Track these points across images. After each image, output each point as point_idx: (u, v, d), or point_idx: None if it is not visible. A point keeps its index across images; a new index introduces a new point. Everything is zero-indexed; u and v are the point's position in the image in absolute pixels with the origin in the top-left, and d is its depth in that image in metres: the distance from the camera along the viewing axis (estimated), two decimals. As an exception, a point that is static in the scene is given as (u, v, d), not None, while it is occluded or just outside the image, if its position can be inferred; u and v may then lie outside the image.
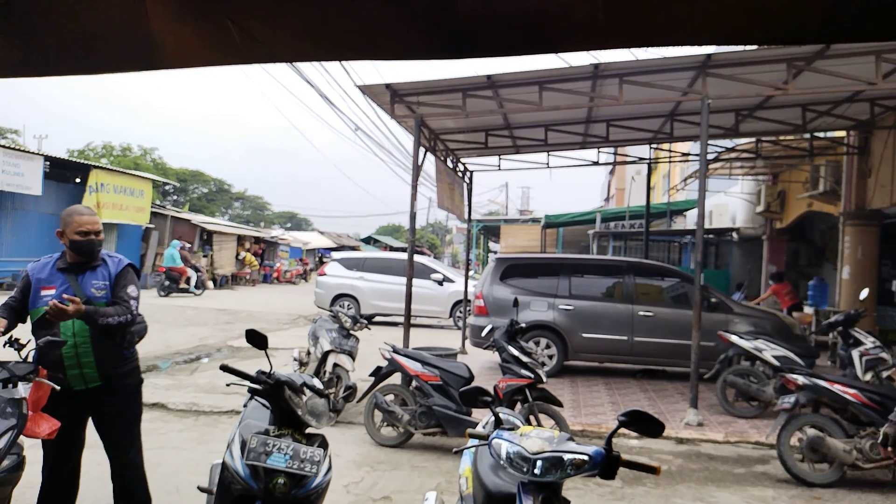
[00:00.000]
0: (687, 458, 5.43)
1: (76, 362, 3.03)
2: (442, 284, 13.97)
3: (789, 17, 1.17)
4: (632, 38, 1.40)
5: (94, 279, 3.10)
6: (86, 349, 3.04)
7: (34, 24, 1.46)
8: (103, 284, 3.12)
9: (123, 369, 3.20)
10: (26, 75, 1.67)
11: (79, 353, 3.03)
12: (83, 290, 3.06)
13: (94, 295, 3.07)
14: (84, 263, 3.12)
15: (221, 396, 6.65)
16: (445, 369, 5.30)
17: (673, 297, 8.73)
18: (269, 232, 34.26)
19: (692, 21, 1.23)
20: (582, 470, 2.12)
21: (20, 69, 1.60)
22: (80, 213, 3.09)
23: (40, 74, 1.66)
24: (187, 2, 1.41)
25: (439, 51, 1.40)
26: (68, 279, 3.07)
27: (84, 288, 3.07)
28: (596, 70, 7.10)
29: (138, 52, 1.50)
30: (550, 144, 10.83)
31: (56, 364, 3.00)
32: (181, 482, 4.13)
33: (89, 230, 3.05)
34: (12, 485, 3.05)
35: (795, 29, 1.21)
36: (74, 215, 3.07)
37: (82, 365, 3.04)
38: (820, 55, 6.56)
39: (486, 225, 29.78)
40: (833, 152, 11.21)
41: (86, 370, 3.06)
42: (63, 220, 3.08)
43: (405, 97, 7.75)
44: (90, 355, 3.05)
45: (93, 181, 19.07)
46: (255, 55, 1.50)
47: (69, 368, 3.03)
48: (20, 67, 1.59)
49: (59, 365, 3.01)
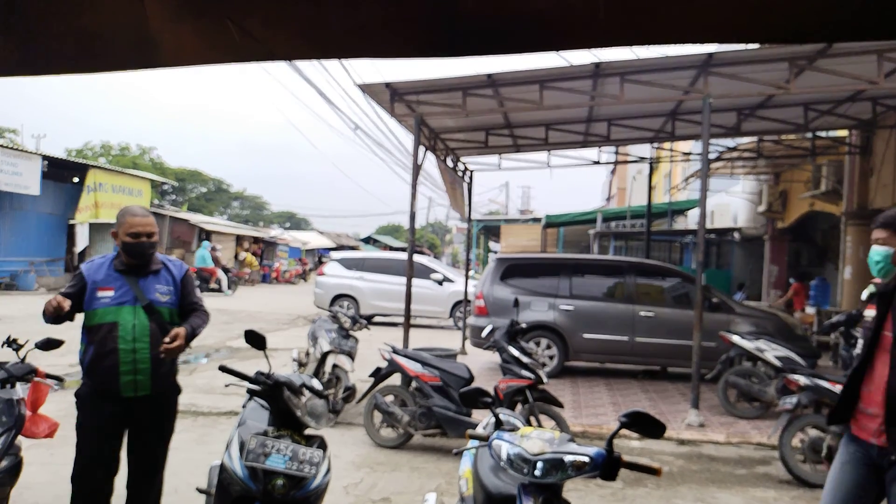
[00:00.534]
0: (688, 459, 5.41)
1: (132, 368, 2.83)
2: (442, 284, 13.97)
3: (791, 15, 1.17)
4: (633, 37, 1.39)
5: (157, 284, 2.94)
6: (144, 355, 2.85)
7: (34, 24, 1.47)
8: (167, 290, 2.97)
9: (172, 379, 3.05)
10: (26, 74, 1.67)
11: (137, 360, 2.83)
12: (146, 295, 2.90)
13: (158, 300, 2.92)
14: (141, 266, 2.94)
15: (220, 397, 6.64)
16: (445, 370, 5.29)
17: (674, 298, 8.71)
18: (267, 232, 34.26)
19: (693, 20, 1.22)
20: (583, 471, 2.11)
21: (20, 68, 1.60)
22: (132, 214, 2.92)
23: (40, 73, 1.66)
24: (186, 1, 1.40)
25: (439, 49, 1.39)
26: (128, 282, 2.89)
27: (147, 292, 2.90)
28: (597, 69, 7.09)
29: (137, 50, 1.50)
30: (551, 143, 10.81)
31: (110, 369, 2.81)
32: (180, 483, 4.11)
33: (140, 232, 2.87)
34: (10, 485, 3.05)
35: (797, 27, 1.20)
36: (127, 216, 2.91)
37: (137, 371, 2.84)
38: (822, 54, 6.54)
39: (487, 224, 29.77)
40: (835, 152, 11.20)
41: (139, 377, 2.85)
42: (118, 219, 2.92)
43: (405, 96, 7.73)
44: (148, 361, 2.85)
45: (91, 181, 19.10)
46: (254, 54, 1.49)
47: (123, 374, 2.82)
48: (20, 66, 1.59)
49: (113, 370, 2.81)
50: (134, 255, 2.91)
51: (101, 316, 2.84)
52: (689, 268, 15.91)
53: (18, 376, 3.01)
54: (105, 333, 2.82)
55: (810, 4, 1.14)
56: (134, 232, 2.86)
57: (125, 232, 2.87)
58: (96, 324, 2.84)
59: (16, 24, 1.46)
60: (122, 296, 2.86)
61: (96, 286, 2.87)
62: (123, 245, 2.90)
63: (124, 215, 2.91)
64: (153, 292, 2.92)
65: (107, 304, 2.84)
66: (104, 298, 2.85)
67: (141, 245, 2.89)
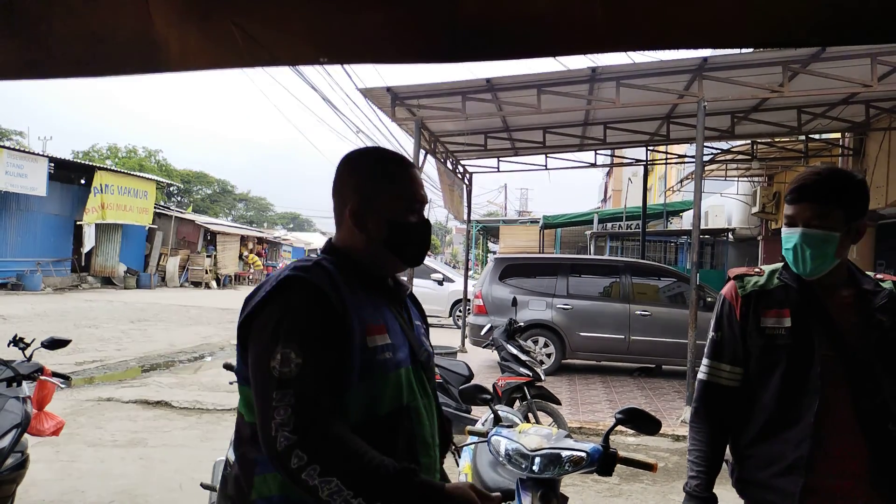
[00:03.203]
0: (683, 454, 5.43)
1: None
2: (442, 284, 14.04)
3: (784, 19, 1.18)
4: (630, 42, 1.43)
5: (414, 317, 1.49)
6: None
7: (39, 27, 1.48)
8: (422, 327, 1.52)
9: None
10: (31, 77, 1.69)
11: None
12: (419, 341, 1.43)
13: (426, 346, 1.47)
14: (392, 286, 1.44)
15: (225, 394, 6.67)
16: (445, 367, 5.33)
17: (669, 297, 8.80)
18: (271, 233, 34.36)
19: (688, 24, 1.25)
20: (580, 466, 2.14)
21: (25, 71, 1.62)
22: (410, 165, 1.47)
23: (45, 76, 1.67)
24: (191, 5, 1.43)
25: (440, 54, 1.42)
26: (394, 316, 1.38)
27: (417, 333, 1.45)
28: (593, 73, 7.15)
29: (142, 54, 1.51)
30: (548, 146, 10.88)
31: None
32: (185, 479, 4.15)
33: (425, 199, 1.42)
34: (16, 483, 3.08)
35: (791, 31, 1.22)
36: (408, 167, 1.46)
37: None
38: (815, 58, 6.61)
39: (486, 225, 29.79)
40: (828, 154, 11.27)
41: None
42: (373, 177, 1.36)
43: (406, 100, 7.79)
44: None
45: (97, 182, 19.16)
46: (257, 58, 1.52)
47: None
48: (25, 70, 1.61)
49: None
50: (411, 256, 1.40)
51: (390, 393, 1.28)
52: (684, 268, 15.97)
53: (25, 375, 3.03)
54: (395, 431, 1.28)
55: (804, 8, 1.16)
56: (421, 197, 1.39)
57: (404, 199, 1.35)
58: (388, 417, 1.27)
59: (21, 27, 1.46)
60: (402, 344, 1.35)
61: (365, 324, 1.27)
62: (398, 229, 1.34)
63: (401, 165, 1.38)
64: (420, 334, 1.48)
65: (391, 366, 1.29)
66: (384, 350, 1.28)
67: (427, 229, 1.40)
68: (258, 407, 1.14)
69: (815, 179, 1.60)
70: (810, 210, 1.58)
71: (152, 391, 6.80)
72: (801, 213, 1.59)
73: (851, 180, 1.61)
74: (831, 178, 1.60)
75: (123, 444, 4.94)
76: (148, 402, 6.30)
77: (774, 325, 1.64)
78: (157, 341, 10.26)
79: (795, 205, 1.61)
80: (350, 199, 1.33)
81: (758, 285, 1.70)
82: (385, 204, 1.32)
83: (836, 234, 1.57)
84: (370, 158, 1.39)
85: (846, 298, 1.64)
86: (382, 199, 1.32)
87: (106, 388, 6.92)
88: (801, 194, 1.60)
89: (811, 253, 1.59)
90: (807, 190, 1.59)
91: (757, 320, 1.66)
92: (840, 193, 1.58)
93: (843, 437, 1.54)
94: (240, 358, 1.25)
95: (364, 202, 1.32)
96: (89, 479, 4.17)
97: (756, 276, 1.73)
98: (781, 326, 1.63)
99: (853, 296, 1.64)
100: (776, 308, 1.65)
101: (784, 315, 1.63)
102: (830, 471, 1.54)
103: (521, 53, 1.40)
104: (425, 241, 1.40)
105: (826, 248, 1.58)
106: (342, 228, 1.36)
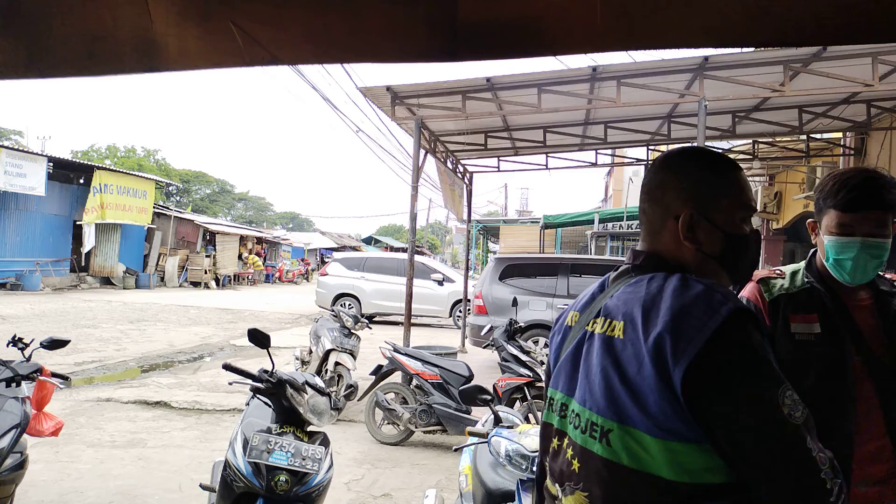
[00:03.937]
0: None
1: None
2: (442, 284, 14.04)
3: (785, 18, 1.18)
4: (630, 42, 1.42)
5: None
6: None
7: (38, 27, 1.48)
8: None
9: None
10: (31, 77, 1.69)
11: None
12: None
13: None
14: None
15: (224, 395, 6.67)
16: (445, 368, 5.33)
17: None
18: (271, 232, 34.41)
19: (689, 23, 1.25)
20: (580, 466, 2.14)
21: (24, 71, 1.62)
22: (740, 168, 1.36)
23: (44, 76, 1.68)
24: (190, 5, 1.43)
25: (439, 54, 1.42)
26: None
27: None
28: (594, 72, 7.14)
29: (142, 54, 1.51)
30: (549, 146, 10.87)
31: None
32: (184, 480, 4.15)
33: None
34: (15, 483, 3.07)
35: (792, 31, 1.22)
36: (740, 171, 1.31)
37: None
38: (817, 57, 6.60)
39: (486, 225, 29.80)
40: (829, 154, 11.26)
41: None
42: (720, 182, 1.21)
43: (406, 99, 7.78)
44: None
45: (96, 182, 19.18)
46: (257, 58, 1.52)
47: None
48: (24, 69, 1.61)
49: None
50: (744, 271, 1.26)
51: None
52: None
53: (24, 375, 3.02)
54: None
55: (805, 8, 1.16)
56: (755, 204, 1.26)
57: (741, 207, 1.20)
58: None
59: (21, 27, 1.47)
60: None
61: None
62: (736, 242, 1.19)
63: (733, 169, 1.22)
64: None
65: None
66: None
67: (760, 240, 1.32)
68: (773, 460, 0.95)
69: (873, 185, 1.51)
70: (874, 219, 1.50)
71: (151, 391, 6.79)
72: (860, 222, 1.51)
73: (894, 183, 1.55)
74: (886, 183, 1.51)
75: (122, 445, 4.93)
76: (147, 403, 6.30)
77: (804, 332, 1.58)
78: (157, 341, 10.27)
79: (852, 213, 1.51)
80: (677, 208, 1.17)
81: (784, 289, 1.65)
82: (722, 214, 1.16)
83: (890, 240, 1.52)
84: (700, 162, 1.21)
85: (864, 300, 1.60)
86: (719, 208, 1.17)
87: (105, 388, 6.92)
88: (860, 202, 1.51)
89: (874, 263, 1.52)
90: (866, 198, 1.50)
91: (786, 326, 1.60)
92: (894, 199, 1.52)
93: (871, 443, 1.50)
94: (668, 407, 1.00)
95: (698, 212, 1.16)
96: (88, 480, 4.17)
97: (780, 279, 1.67)
98: (811, 332, 1.56)
99: (871, 297, 1.61)
100: (803, 313, 1.59)
101: (811, 320, 1.57)
102: (857, 478, 1.49)
103: (521, 53, 1.40)
104: (758, 255, 1.27)
105: (884, 255, 1.52)
106: (662, 238, 1.20)
